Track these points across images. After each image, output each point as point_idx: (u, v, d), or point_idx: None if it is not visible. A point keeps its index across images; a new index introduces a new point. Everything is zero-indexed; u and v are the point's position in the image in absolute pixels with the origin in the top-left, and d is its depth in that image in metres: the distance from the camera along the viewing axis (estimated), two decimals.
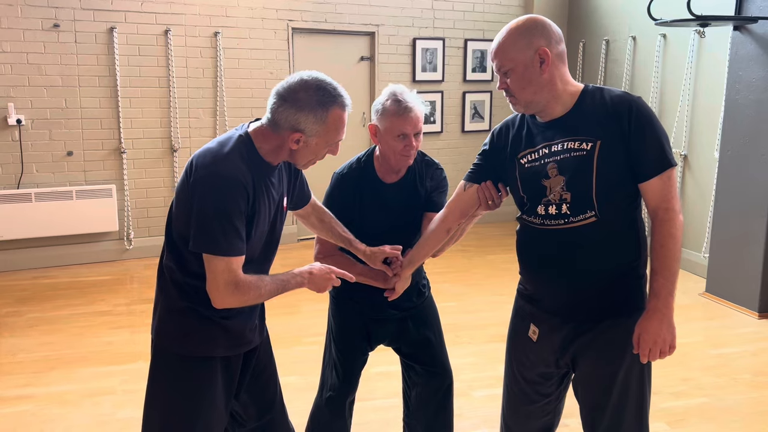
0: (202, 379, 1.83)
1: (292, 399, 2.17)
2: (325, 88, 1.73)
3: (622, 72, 6.28)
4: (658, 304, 1.78)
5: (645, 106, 1.81)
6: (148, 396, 1.89)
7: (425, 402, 2.44)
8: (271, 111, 1.75)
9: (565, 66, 1.86)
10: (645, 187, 1.81)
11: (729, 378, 3.61)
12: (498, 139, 2.03)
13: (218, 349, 1.84)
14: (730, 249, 4.76)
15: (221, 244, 1.67)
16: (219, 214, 1.67)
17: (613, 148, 1.78)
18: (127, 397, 3.35)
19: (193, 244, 1.70)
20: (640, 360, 1.83)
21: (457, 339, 4.05)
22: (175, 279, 1.81)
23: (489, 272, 5.57)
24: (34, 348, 3.96)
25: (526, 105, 1.87)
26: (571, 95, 1.86)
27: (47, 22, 5.40)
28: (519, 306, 2.09)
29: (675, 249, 1.79)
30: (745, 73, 4.56)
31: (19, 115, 5.40)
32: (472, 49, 7.00)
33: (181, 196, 1.76)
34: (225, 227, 1.67)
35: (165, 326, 1.86)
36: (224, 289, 1.70)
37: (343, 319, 2.40)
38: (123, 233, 5.91)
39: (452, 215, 2.13)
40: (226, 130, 6.07)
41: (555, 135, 1.86)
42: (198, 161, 1.73)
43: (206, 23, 5.91)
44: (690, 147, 5.57)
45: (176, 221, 1.78)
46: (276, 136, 1.77)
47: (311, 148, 1.79)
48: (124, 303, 4.79)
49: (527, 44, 1.80)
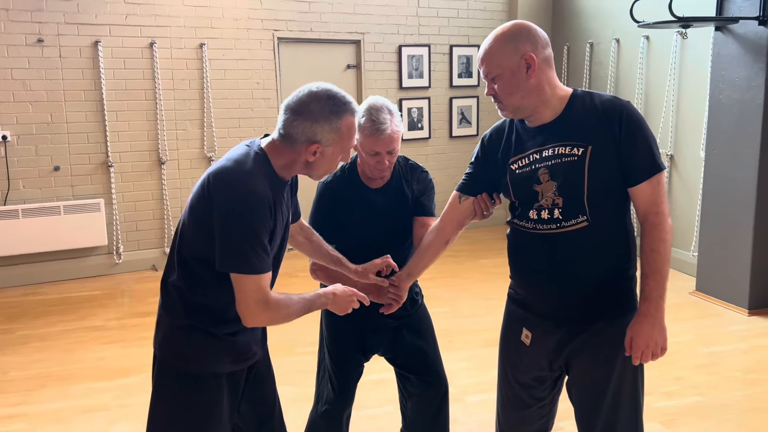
0: (208, 396, 1.82)
1: (287, 410, 2.16)
2: (335, 97, 1.76)
3: (607, 74, 6.33)
4: (650, 307, 1.80)
5: (635, 111, 1.83)
6: (152, 413, 1.86)
7: (422, 411, 2.44)
8: (284, 126, 1.76)
9: (552, 70, 1.87)
10: (635, 192, 1.83)
11: (721, 376, 3.63)
12: (489, 145, 2.04)
13: (225, 365, 1.84)
14: (718, 247, 4.80)
15: (253, 263, 1.67)
16: (249, 233, 1.66)
17: (604, 153, 1.80)
18: (121, 411, 3.33)
19: (221, 264, 1.69)
20: (632, 362, 1.84)
21: (450, 344, 4.05)
22: (183, 297, 1.80)
23: (480, 277, 5.58)
24: (26, 365, 3.92)
25: (515, 110, 1.88)
26: (560, 100, 1.87)
27: (31, 37, 5.37)
28: (510, 310, 2.09)
29: (665, 252, 1.81)
30: (728, 73, 4.61)
31: (5, 131, 5.36)
32: (457, 54, 7.04)
33: (198, 216, 1.74)
34: (255, 246, 1.67)
35: (171, 343, 1.83)
36: (255, 307, 1.71)
37: (336, 330, 2.39)
38: (112, 247, 5.88)
39: (449, 227, 2.13)
40: (214, 141, 6.06)
41: (545, 140, 1.87)
42: (218, 181, 1.71)
43: (191, 35, 5.90)
44: (676, 147, 5.62)
45: (190, 242, 1.76)
46: (290, 151, 1.77)
47: (327, 158, 1.80)
48: (115, 317, 4.76)
49: (513, 50, 1.81)
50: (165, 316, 1.85)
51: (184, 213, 1.83)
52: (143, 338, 4.29)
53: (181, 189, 6.06)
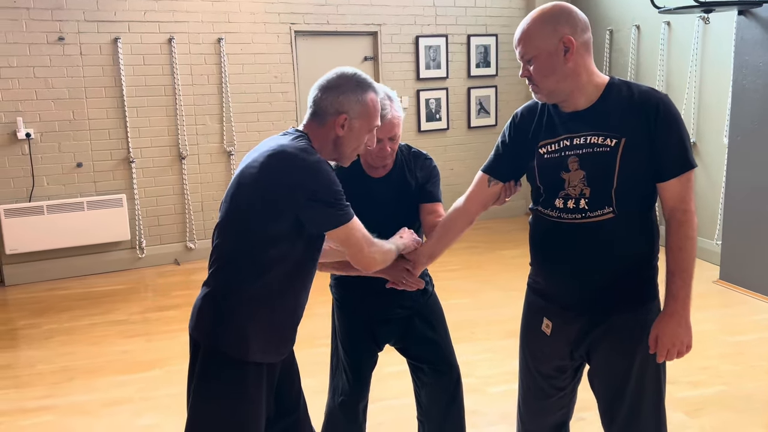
0: (254, 385, 1.83)
1: (309, 402, 2.17)
2: (361, 76, 1.90)
3: (627, 61, 6.25)
4: (676, 306, 1.79)
5: (672, 105, 1.79)
6: (196, 401, 1.86)
7: (437, 400, 2.44)
8: (315, 103, 1.88)
9: (590, 56, 1.83)
10: (664, 187, 1.80)
11: (746, 365, 3.59)
12: (521, 123, 1.99)
13: (270, 355, 1.87)
14: (742, 235, 4.73)
15: (348, 211, 1.82)
16: (337, 189, 1.79)
17: (637, 146, 1.76)
18: (146, 404, 3.38)
19: (325, 225, 1.81)
20: (657, 360, 1.83)
21: (472, 335, 4.04)
22: (231, 286, 1.82)
23: (500, 268, 5.56)
24: (52, 359, 3.99)
25: (549, 94, 1.84)
26: (596, 87, 1.83)
27: (52, 35, 5.44)
28: (531, 300, 2.08)
29: (692, 250, 1.79)
30: (752, 58, 4.53)
31: (28, 129, 5.44)
32: (475, 44, 6.99)
33: (259, 197, 1.77)
34: (340, 199, 1.80)
35: (219, 331, 1.82)
36: (367, 248, 1.89)
37: (348, 322, 2.39)
38: (135, 242, 5.95)
39: (474, 207, 2.10)
40: (233, 136, 6.10)
41: (578, 127, 1.83)
42: (284, 158, 1.76)
43: (209, 30, 5.93)
44: (698, 134, 5.53)
45: (254, 231, 1.78)
46: (322, 129, 1.86)
47: (355, 132, 1.88)
48: (138, 311, 4.82)
49: (552, 31, 1.76)
50: (212, 304, 1.85)
51: (226, 204, 1.85)
52: (167, 332, 4.34)
53: (202, 184, 6.11)
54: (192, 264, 6.03)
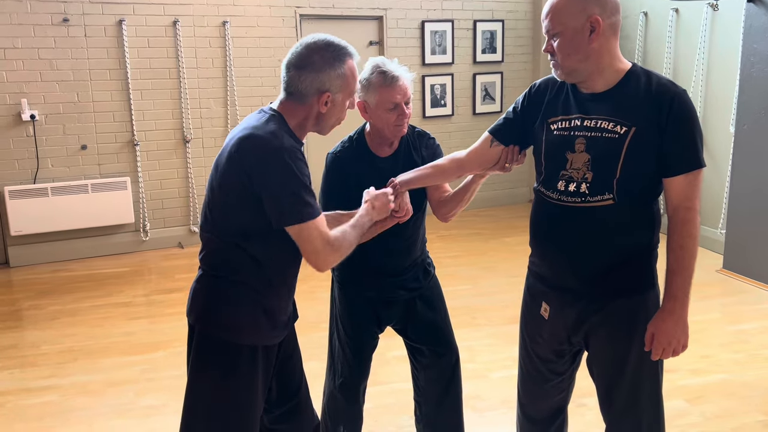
0: (248, 369, 1.83)
1: (313, 384, 2.19)
2: (333, 44, 1.83)
3: (634, 48, 6.21)
4: (675, 305, 1.78)
5: (688, 101, 1.77)
6: (192, 385, 1.87)
7: (435, 381, 2.46)
8: (291, 84, 1.80)
9: (616, 39, 1.80)
10: (669, 183, 1.79)
11: (747, 354, 3.60)
12: (536, 95, 1.98)
13: (264, 338, 1.86)
14: (747, 224, 4.72)
15: (308, 210, 1.71)
16: (294, 183, 1.70)
17: (646, 137, 1.75)
18: (149, 385, 3.40)
19: (278, 221, 1.72)
20: (651, 357, 1.84)
21: (474, 321, 4.06)
22: (224, 270, 1.81)
23: (505, 255, 5.56)
24: (57, 340, 4.02)
25: (568, 72, 1.83)
26: (617, 72, 1.81)
27: (57, 16, 5.42)
28: (530, 284, 2.09)
29: (694, 249, 1.79)
30: (760, 46, 4.49)
31: (33, 111, 5.44)
32: (481, 30, 6.95)
33: (230, 187, 1.75)
34: (304, 194, 1.71)
35: (212, 315, 1.83)
36: (323, 250, 1.75)
37: (349, 304, 2.39)
38: (139, 225, 5.96)
39: (470, 165, 2.11)
40: (238, 119, 6.09)
41: (591, 110, 1.82)
42: (247, 146, 1.72)
43: (214, 13, 5.90)
44: (704, 122, 5.50)
45: (228, 215, 1.77)
46: (302, 108, 1.81)
47: (338, 106, 1.84)
48: (142, 294, 4.85)
49: (581, 9, 1.74)
50: (205, 288, 1.86)
51: (208, 191, 1.84)
52: (170, 314, 4.37)
53: (206, 167, 6.11)
54: (195, 247, 6.04)
